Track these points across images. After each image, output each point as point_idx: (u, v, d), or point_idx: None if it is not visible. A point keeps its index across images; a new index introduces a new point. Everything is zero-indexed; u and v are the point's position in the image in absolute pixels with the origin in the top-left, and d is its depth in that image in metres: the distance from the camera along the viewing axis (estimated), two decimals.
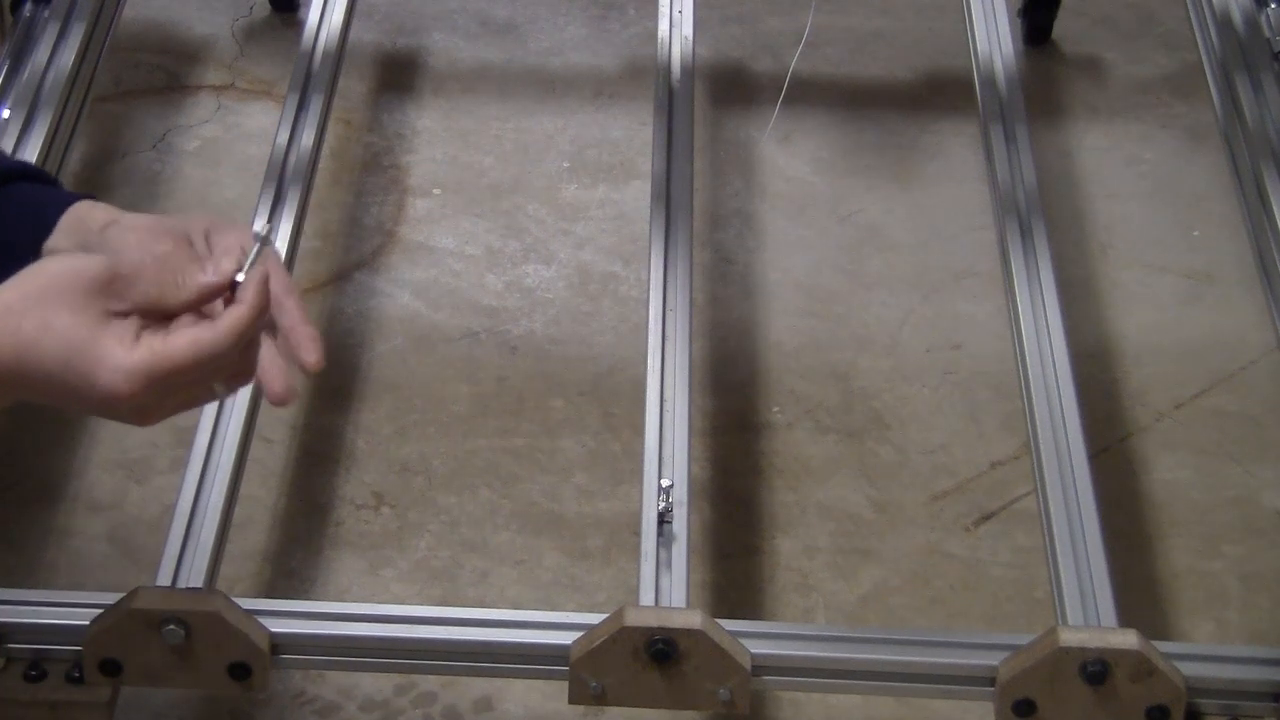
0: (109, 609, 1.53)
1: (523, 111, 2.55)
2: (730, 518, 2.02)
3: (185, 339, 1.06)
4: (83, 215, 1.19)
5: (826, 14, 2.66)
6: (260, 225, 1.14)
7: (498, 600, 1.92)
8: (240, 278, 1.10)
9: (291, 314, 1.14)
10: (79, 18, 2.12)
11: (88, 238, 1.17)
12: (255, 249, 1.11)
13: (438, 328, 2.23)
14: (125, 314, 1.06)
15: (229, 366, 1.09)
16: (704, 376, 2.16)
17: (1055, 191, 2.41)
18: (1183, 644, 1.78)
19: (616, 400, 2.14)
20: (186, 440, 1.74)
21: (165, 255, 1.11)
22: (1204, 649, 1.67)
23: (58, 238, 1.18)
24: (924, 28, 2.70)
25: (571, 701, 1.56)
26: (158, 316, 1.08)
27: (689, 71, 2.17)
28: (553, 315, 2.24)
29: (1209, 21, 2.22)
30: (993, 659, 1.55)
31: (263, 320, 1.10)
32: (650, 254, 1.92)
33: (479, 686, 1.83)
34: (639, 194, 2.38)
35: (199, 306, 1.09)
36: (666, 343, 1.82)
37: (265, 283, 1.09)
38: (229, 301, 1.10)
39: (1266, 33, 2.15)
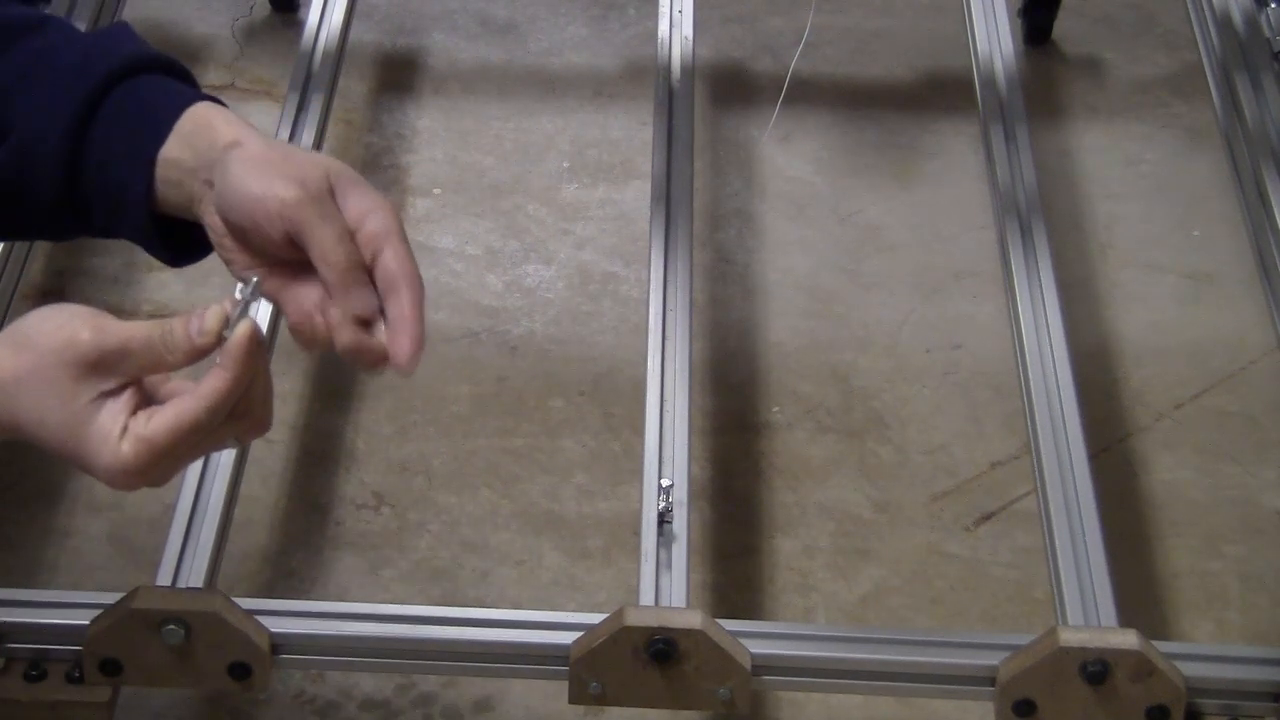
0: (109, 609, 1.52)
1: (523, 111, 2.55)
2: (730, 518, 2.02)
3: (166, 421, 1.03)
4: (205, 123, 1.14)
5: (826, 14, 2.66)
6: (242, 289, 1.07)
7: (498, 600, 1.92)
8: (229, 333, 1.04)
9: (399, 303, 1.08)
10: (79, 18, 2.12)
11: (209, 153, 1.11)
12: (240, 304, 1.05)
13: (438, 328, 2.23)
14: (119, 390, 1.04)
15: (230, 429, 1.06)
16: (704, 376, 2.16)
17: (1055, 191, 2.41)
18: (1183, 644, 1.79)
19: (616, 400, 2.14)
20: None
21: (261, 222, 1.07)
22: (1204, 649, 1.67)
23: (175, 145, 1.13)
24: (924, 28, 2.70)
25: (571, 701, 1.56)
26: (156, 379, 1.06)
27: (689, 71, 2.17)
28: (553, 315, 2.25)
29: (1209, 21, 2.22)
30: (993, 659, 1.55)
31: (254, 378, 1.05)
32: (650, 254, 1.92)
33: (479, 686, 1.83)
34: (639, 194, 2.38)
35: (193, 363, 1.05)
36: (666, 343, 1.82)
37: (249, 343, 1.04)
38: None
39: (1266, 33, 2.15)
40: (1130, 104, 2.59)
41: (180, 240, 1.17)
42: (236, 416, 1.06)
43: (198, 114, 1.15)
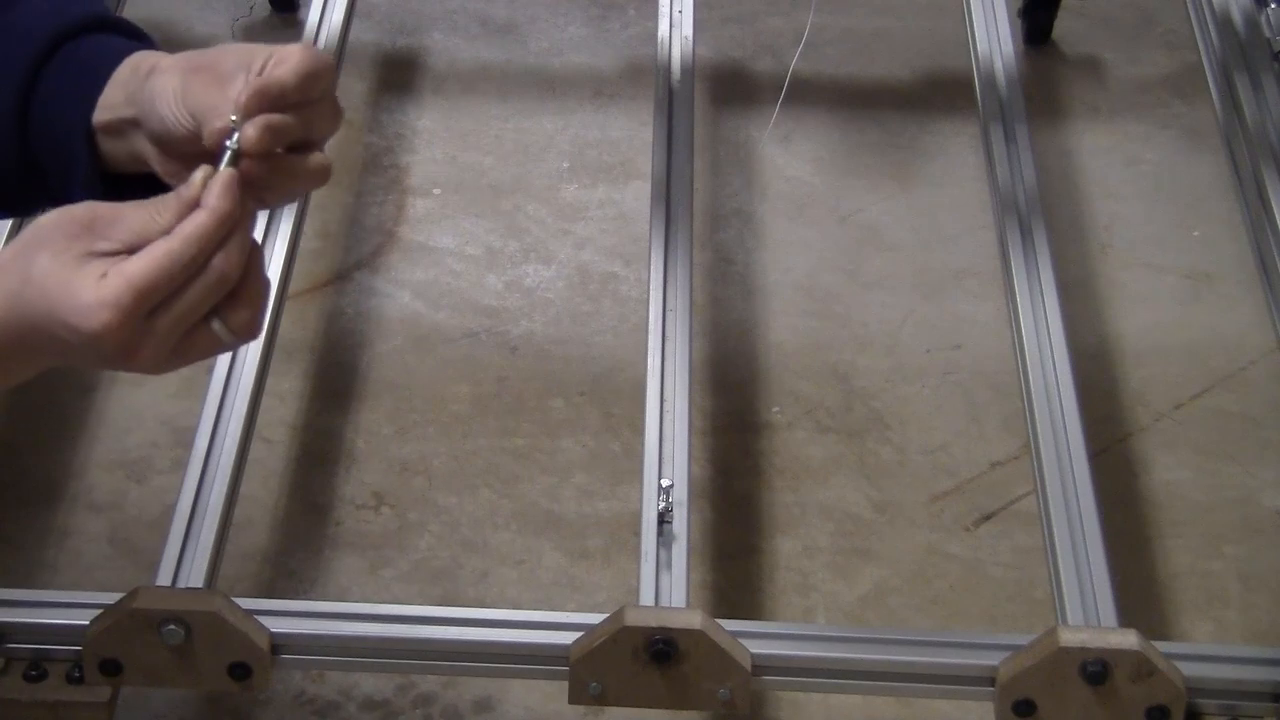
0: (109, 609, 1.53)
1: (523, 111, 2.55)
2: (730, 518, 2.02)
3: (143, 255, 1.02)
4: (136, 64, 1.15)
5: (826, 14, 2.66)
6: (232, 118, 1.08)
7: (498, 600, 1.92)
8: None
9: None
10: None
11: (135, 88, 1.13)
12: (226, 153, 1.07)
13: (438, 328, 2.23)
14: (112, 253, 1.04)
15: (210, 285, 1.04)
16: (704, 376, 2.16)
17: (1055, 191, 2.41)
18: (1183, 644, 1.79)
19: (616, 400, 2.14)
20: (186, 440, 1.74)
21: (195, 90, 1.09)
22: (1204, 649, 1.67)
23: (111, 90, 1.15)
24: (924, 28, 2.70)
25: (571, 701, 1.56)
26: None
27: (689, 71, 2.17)
28: (553, 315, 2.24)
29: (1209, 21, 2.22)
30: (993, 659, 1.55)
31: (236, 225, 1.05)
32: (650, 254, 1.92)
33: (479, 686, 1.83)
34: (639, 194, 2.38)
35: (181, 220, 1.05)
36: (666, 343, 1.82)
37: (231, 184, 1.05)
38: None
39: (1266, 33, 2.15)
40: (1130, 104, 2.59)
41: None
42: (216, 279, 1.05)
43: (134, 59, 1.16)
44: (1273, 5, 2.17)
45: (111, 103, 1.15)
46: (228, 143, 1.07)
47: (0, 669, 1.57)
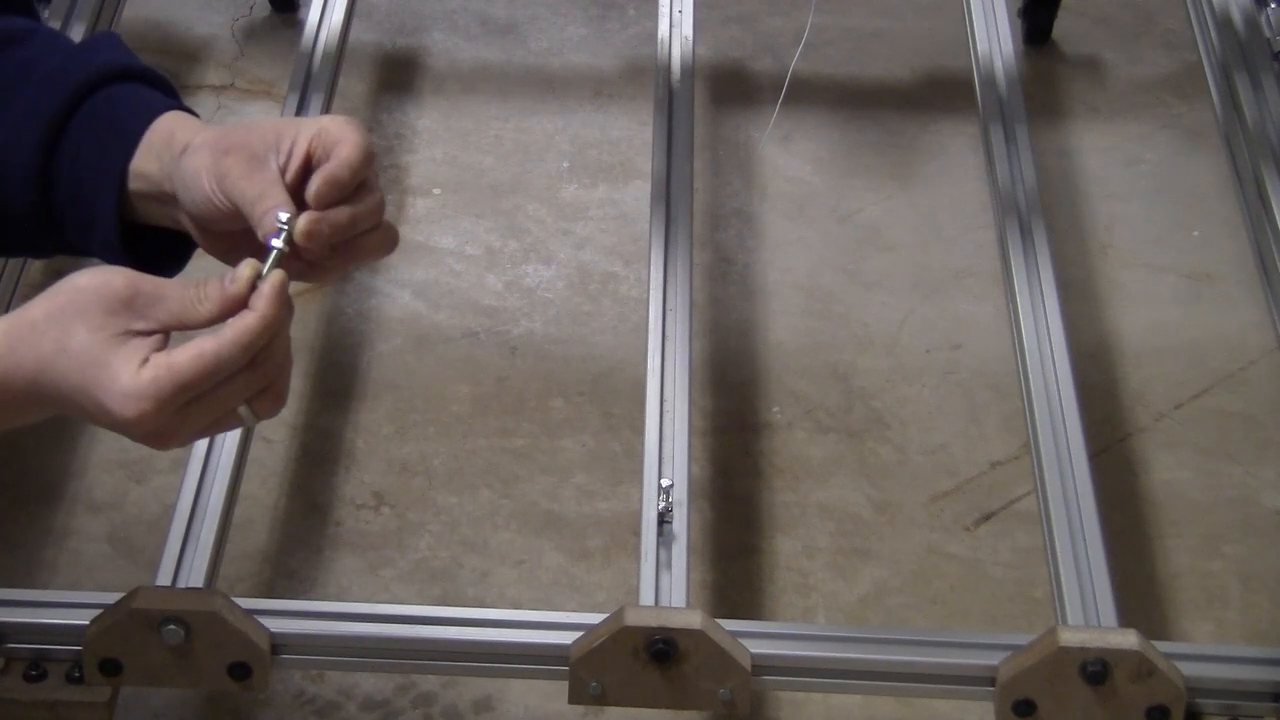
0: (109, 609, 1.53)
1: (523, 111, 2.55)
2: (730, 518, 2.02)
3: (189, 352, 1.02)
4: (168, 134, 1.14)
5: (826, 14, 2.66)
6: (283, 217, 1.08)
7: (498, 600, 1.92)
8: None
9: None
10: (79, 18, 2.12)
11: (168, 163, 1.13)
12: (273, 253, 1.07)
13: (438, 328, 2.23)
14: (149, 333, 1.04)
15: (249, 383, 1.05)
16: (704, 376, 2.16)
17: (1055, 191, 2.41)
18: (1183, 644, 1.79)
19: (616, 400, 2.14)
20: None
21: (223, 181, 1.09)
22: (1204, 649, 1.67)
23: (143, 158, 1.14)
24: (924, 28, 2.70)
25: (571, 701, 1.56)
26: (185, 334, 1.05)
27: (689, 71, 2.17)
28: (553, 315, 2.24)
29: (1209, 21, 2.22)
30: (993, 659, 1.55)
31: (281, 327, 1.06)
32: (650, 254, 1.92)
33: (479, 686, 1.83)
34: (639, 194, 2.38)
35: (223, 320, 1.05)
36: (666, 343, 1.82)
37: (281, 289, 1.05)
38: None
39: (1266, 33, 2.15)
40: (1130, 104, 2.59)
41: (151, 256, 1.18)
42: (256, 377, 1.05)
43: (163, 125, 1.15)
44: (1273, 5, 2.17)
45: (146, 172, 1.14)
46: (274, 241, 1.07)
47: (0, 669, 1.57)
